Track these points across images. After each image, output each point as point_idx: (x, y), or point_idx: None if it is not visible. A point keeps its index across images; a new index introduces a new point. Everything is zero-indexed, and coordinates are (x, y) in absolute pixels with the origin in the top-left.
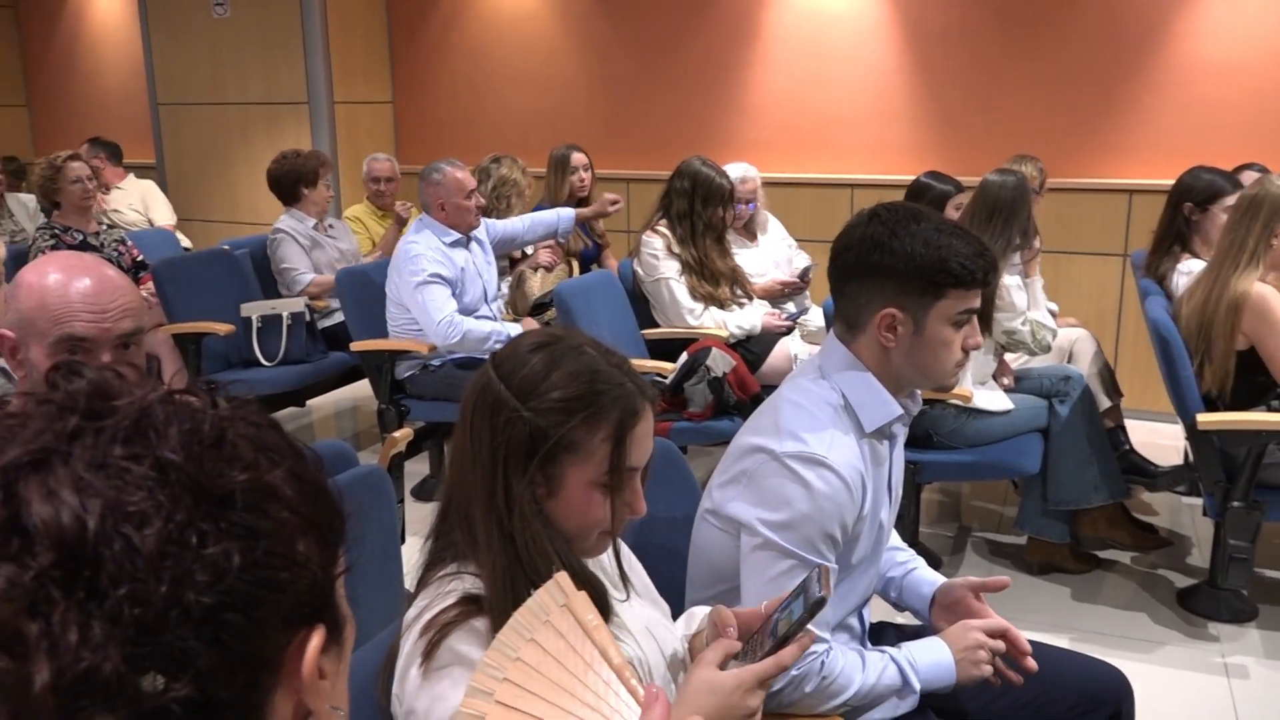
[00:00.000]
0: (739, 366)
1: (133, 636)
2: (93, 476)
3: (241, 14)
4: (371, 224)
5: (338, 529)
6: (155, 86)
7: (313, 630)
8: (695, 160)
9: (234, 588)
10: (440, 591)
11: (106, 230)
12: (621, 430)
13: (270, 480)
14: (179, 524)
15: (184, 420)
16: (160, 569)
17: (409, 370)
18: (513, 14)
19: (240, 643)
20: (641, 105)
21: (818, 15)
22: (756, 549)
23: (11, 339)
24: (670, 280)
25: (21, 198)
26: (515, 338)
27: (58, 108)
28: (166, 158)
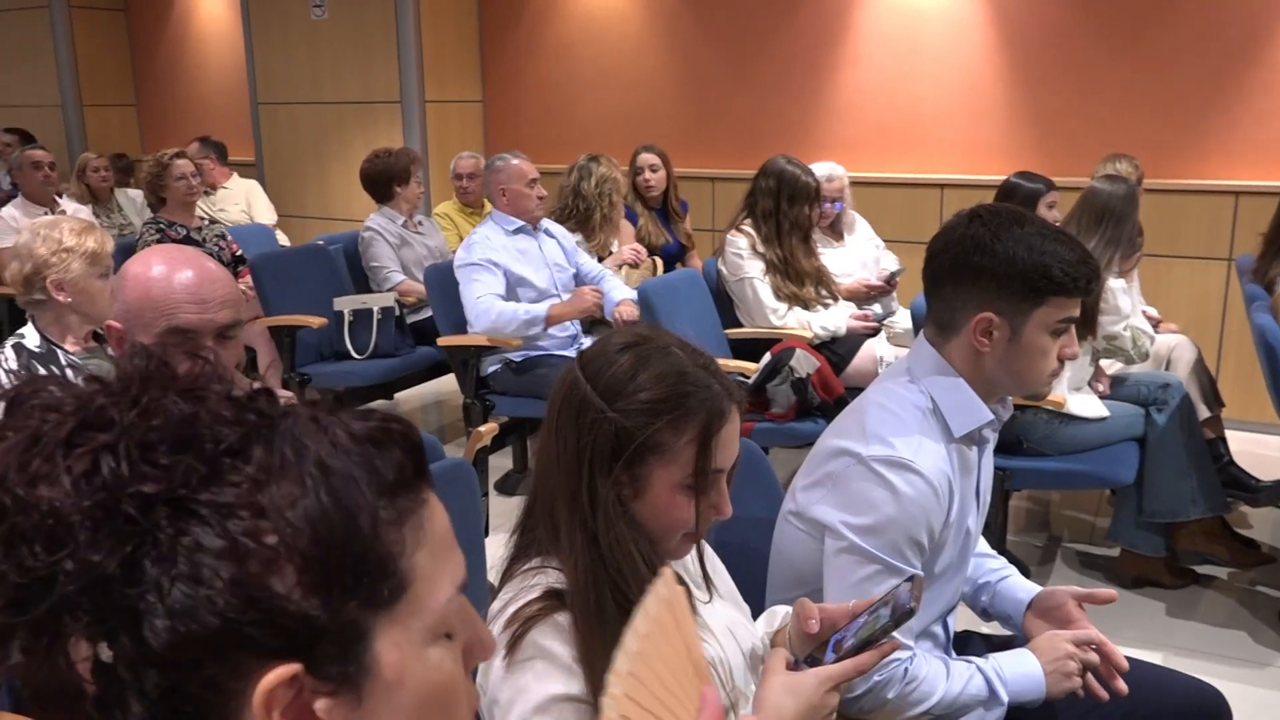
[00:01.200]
0: (823, 368)
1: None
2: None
3: (338, 15)
4: (460, 221)
5: (370, 574)
6: (256, 86)
7: (276, 665)
8: (781, 159)
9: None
10: (524, 585)
11: (208, 225)
12: (708, 432)
13: (262, 500)
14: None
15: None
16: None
17: (494, 366)
18: (601, 14)
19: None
20: (727, 104)
21: (909, 12)
22: (840, 553)
23: (119, 329)
24: (754, 280)
25: (130, 193)
26: (603, 337)
27: (164, 107)
28: (265, 155)
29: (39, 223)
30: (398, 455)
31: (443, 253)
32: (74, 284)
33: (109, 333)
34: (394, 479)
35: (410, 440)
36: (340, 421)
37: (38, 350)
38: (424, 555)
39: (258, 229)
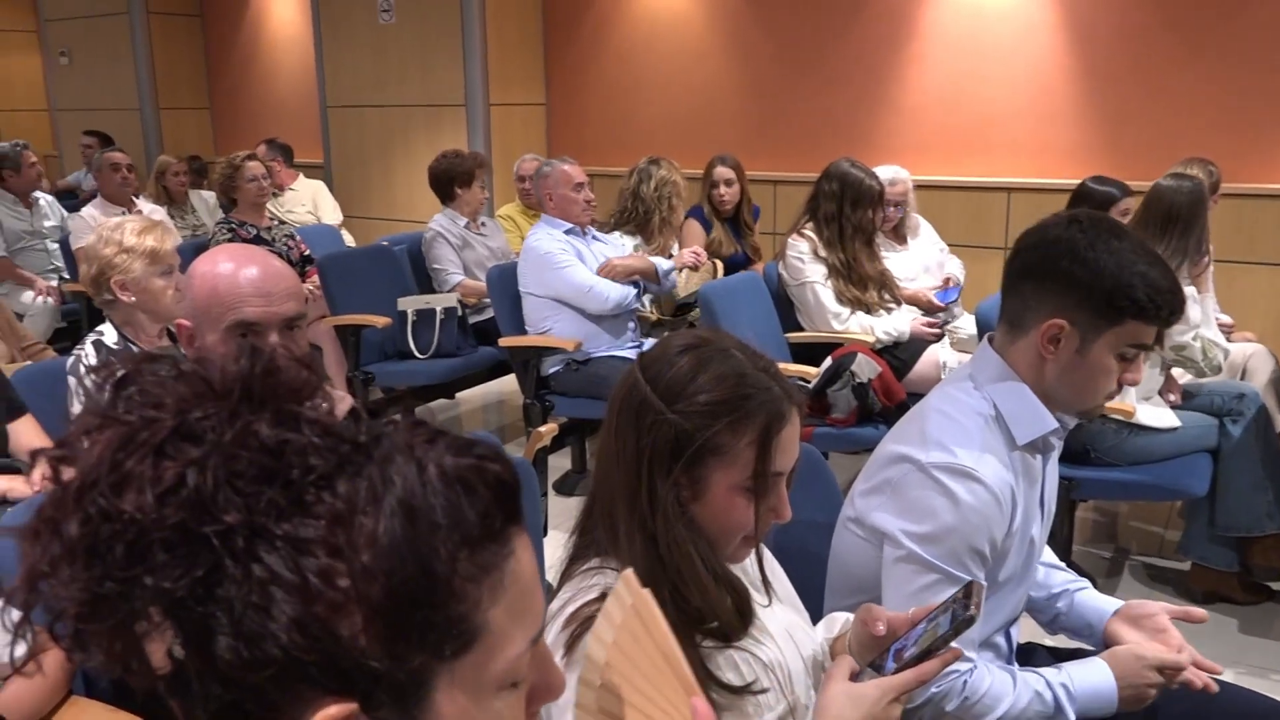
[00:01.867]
0: (885, 373)
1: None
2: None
3: (405, 19)
4: (522, 222)
5: (429, 628)
6: (325, 90)
7: (333, 701)
8: (844, 162)
9: (210, 614)
10: (583, 585)
11: (278, 226)
12: (768, 435)
13: (338, 540)
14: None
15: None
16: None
17: (554, 366)
18: (664, 17)
19: (228, 666)
20: (790, 106)
21: (976, 13)
22: (899, 561)
23: (188, 328)
24: (816, 284)
25: (203, 194)
26: (663, 339)
27: (236, 110)
28: (333, 157)
29: (104, 224)
30: (487, 502)
31: (505, 254)
32: (136, 283)
33: (179, 331)
34: (479, 531)
35: (504, 484)
36: (435, 454)
37: (115, 347)
38: (500, 611)
39: (325, 229)
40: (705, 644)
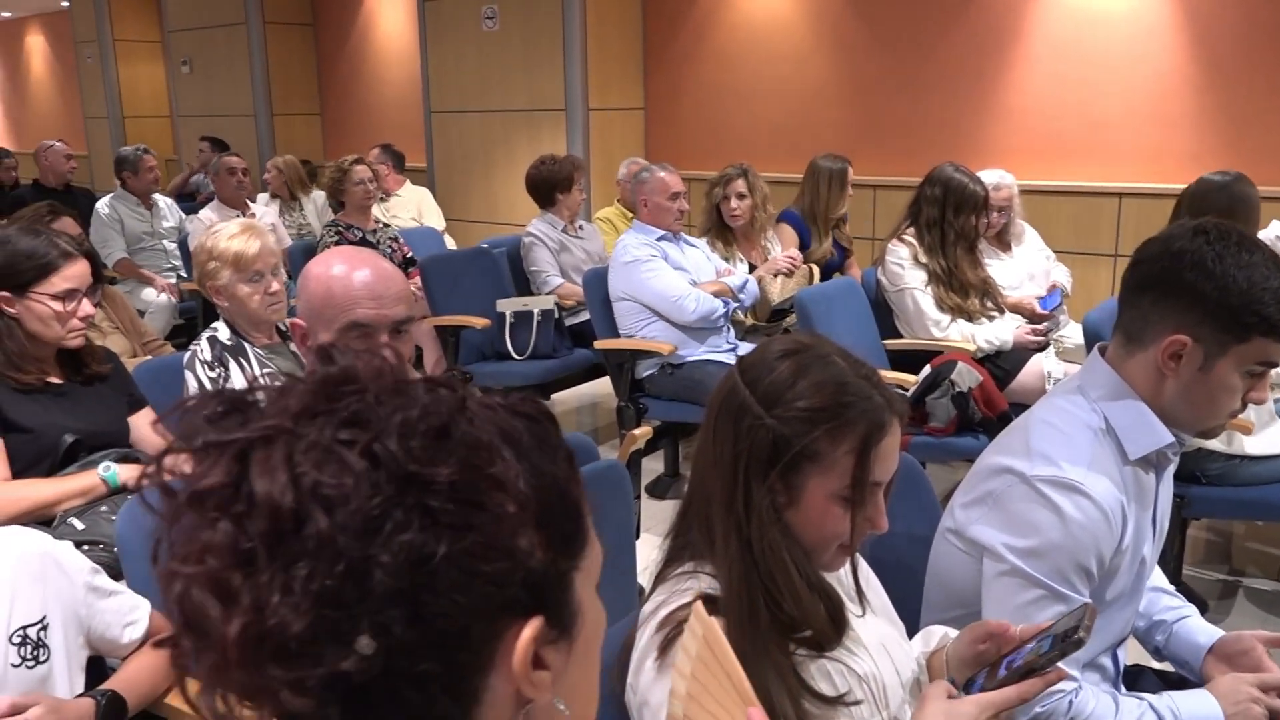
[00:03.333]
0: (986, 382)
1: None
2: (306, 456)
3: (508, 26)
4: (621, 225)
5: (574, 526)
6: (429, 95)
7: (528, 621)
8: (948, 166)
9: (436, 572)
10: (677, 589)
11: (382, 228)
12: (867, 443)
13: (496, 472)
14: (373, 510)
15: (412, 409)
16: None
17: (649, 370)
18: (764, 20)
19: (440, 623)
20: (892, 110)
21: (1086, 14)
22: (1001, 575)
23: (302, 327)
24: (915, 290)
25: (312, 197)
26: (763, 344)
27: (345, 116)
28: (436, 161)
29: (207, 230)
30: (550, 426)
31: (601, 257)
32: (225, 290)
33: (293, 329)
34: (565, 447)
35: (547, 411)
36: (497, 402)
37: (229, 343)
38: (587, 510)
39: (427, 232)
40: (798, 653)
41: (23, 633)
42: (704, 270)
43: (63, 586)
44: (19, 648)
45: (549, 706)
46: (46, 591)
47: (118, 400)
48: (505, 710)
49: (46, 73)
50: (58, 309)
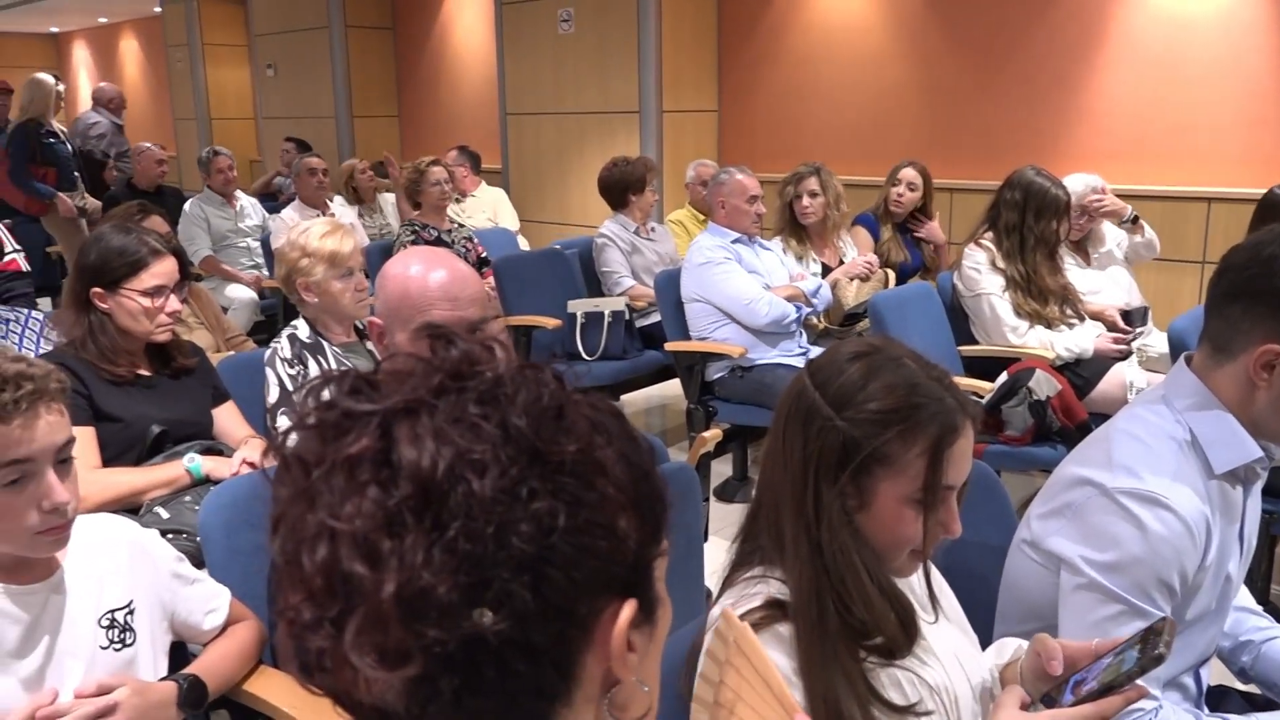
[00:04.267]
0: (1065, 391)
1: (463, 567)
2: (450, 427)
3: (584, 29)
4: (693, 227)
5: (660, 514)
6: (505, 98)
7: (625, 602)
8: (1029, 170)
9: (556, 544)
10: (745, 593)
11: (457, 229)
12: (939, 446)
13: (600, 456)
14: (513, 478)
15: (532, 391)
16: (492, 513)
17: (719, 372)
18: (840, 22)
19: (556, 595)
20: (970, 112)
21: (1173, 16)
22: (1079, 589)
23: (380, 325)
24: (992, 296)
25: (389, 197)
26: (833, 346)
27: (422, 118)
28: (511, 163)
29: (293, 228)
30: (627, 421)
31: (673, 259)
32: (318, 286)
33: (370, 328)
34: (641, 436)
35: (619, 410)
36: (588, 396)
37: (308, 341)
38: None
39: (501, 233)
40: (869, 660)
41: (110, 616)
42: (777, 274)
43: (149, 573)
44: (107, 631)
45: (634, 687)
46: (134, 577)
47: (202, 393)
48: (595, 690)
49: (139, 76)
50: (147, 305)
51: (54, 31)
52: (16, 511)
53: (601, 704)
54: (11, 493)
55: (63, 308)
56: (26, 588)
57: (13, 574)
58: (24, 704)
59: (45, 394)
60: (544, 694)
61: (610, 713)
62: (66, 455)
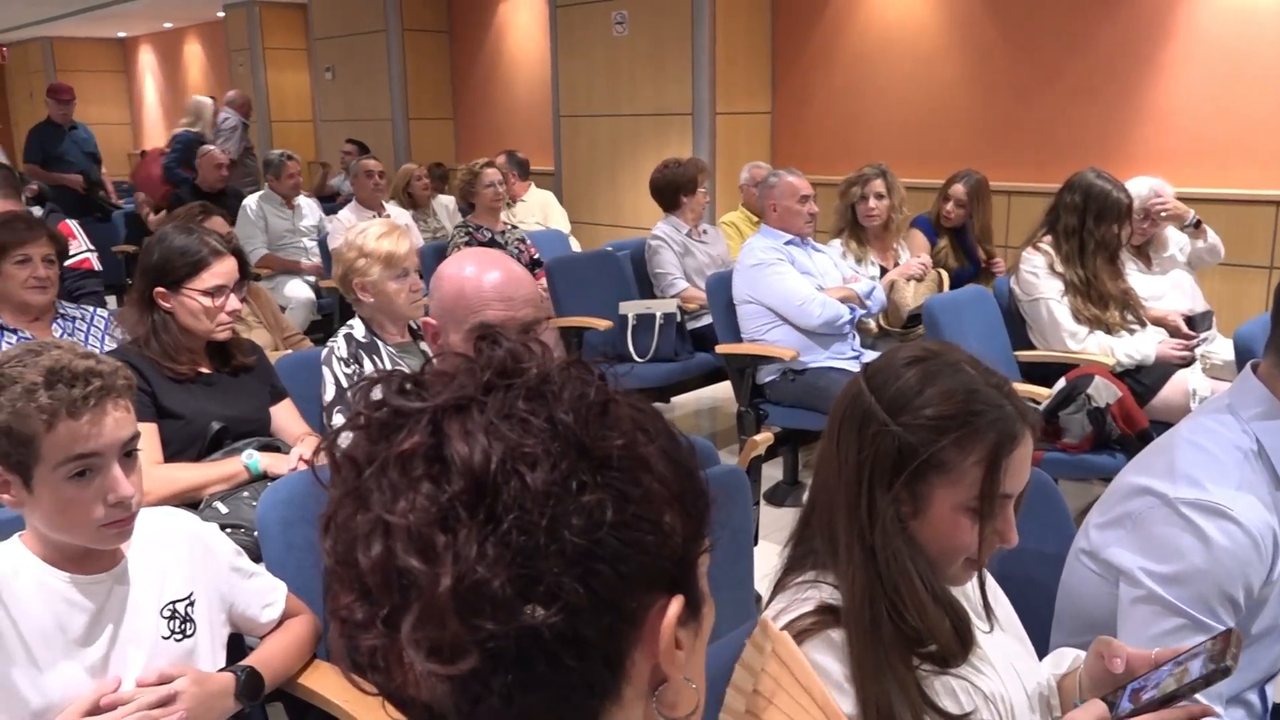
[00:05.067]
0: (1125, 398)
1: (517, 560)
2: (500, 423)
3: (638, 31)
4: (746, 229)
5: (702, 510)
6: (559, 100)
7: (672, 598)
8: (1090, 173)
9: (604, 538)
10: (797, 597)
11: (510, 230)
12: (997, 454)
13: (644, 452)
14: (563, 472)
15: (576, 387)
16: (544, 506)
17: (771, 375)
18: (897, 23)
19: (606, 589)
20: (1029, 114)
21: (1241, 14)
22: (1138, 601)
23: (434, 325)
24: (1050, 301)
25: (443, 199)
26: (890, 350)
27: (477, 120)
28: (563, 165)
29: (350, 229)
30: (666, 420)
31: (725, 261)
32: (374, 286)
33: (425, 328)
34: (681, 434)
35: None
36: (626, 394)
37: (363, 340)
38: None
39: (554, 234)
40: (922, 668)
41: (172, 607)
42: (831, 276)
43: (209, 566)
44: (168, 621)
45: (682, 685)
46: (194, 570)
47: (261, 391)
48: (643, 686)
49: (201, 79)
50: (208, 304)
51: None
52: (83, 504)
53: (650, 702)
54: (78, 485)
55: (127, 306)
56: (92, 578)
57: (79, 565)
58: (89, 690)
59: (113, 390)
60: (594, 691)
61: (659, 710)
62: (132, 450)
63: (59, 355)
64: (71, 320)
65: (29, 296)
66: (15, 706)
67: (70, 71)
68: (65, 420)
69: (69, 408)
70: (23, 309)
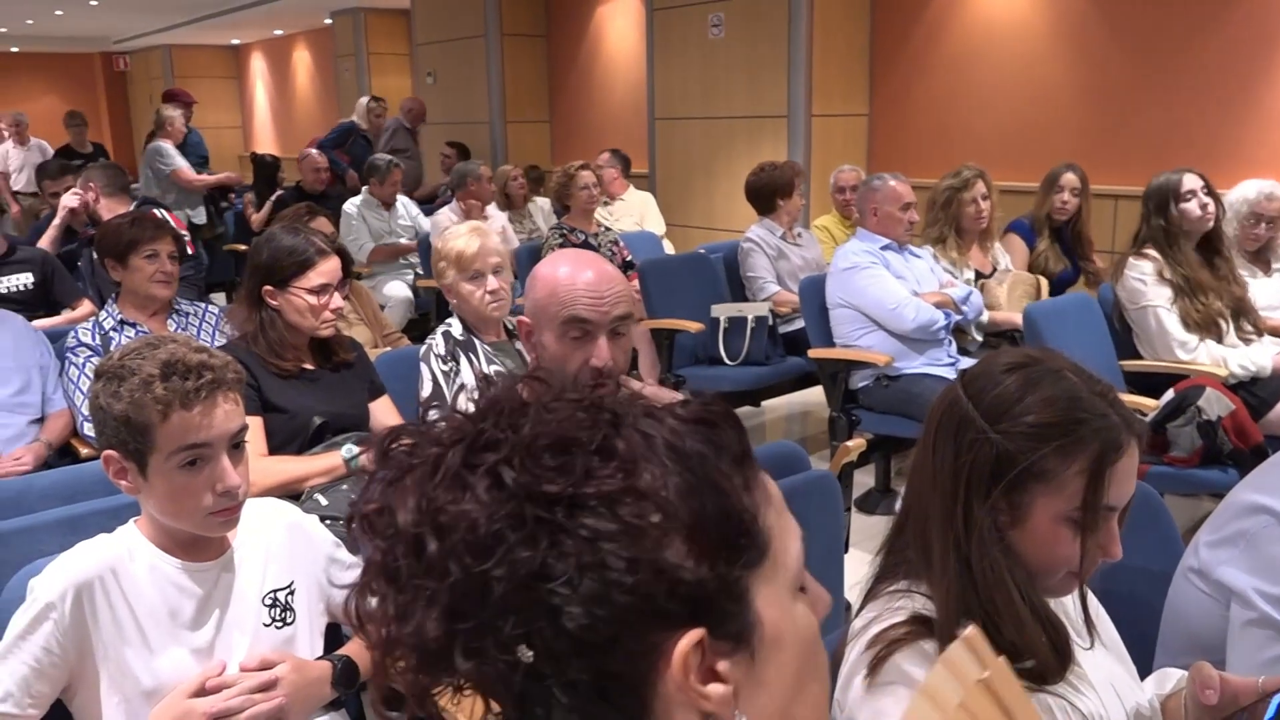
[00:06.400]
0: (1239, 411)
1: (448, 615)
2: (435, 486)
3: (734, 33)
4: (838, 234)
5: (733, 533)
6: (654, 103)
7: (685, 632)
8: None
9: (569, 584)
10: (889, 606)
11: (604, 232)
12: (1100, 464)
13: (640, 485)
14: (490, 529)
15: (537, 428)
16: (455, 568)
17: (864, 381)
18: (1001, 22)
19: (583, 633)
20: (1139, 115)
21: None
22: (1250, 624)
23: (528, 324)
24: (1159, 309)
25: (539, 201)
26: (988, 356)
27: (572, 123)
28: (658, 167)
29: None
30: (730, 432)
31: (819, 265)
32: (451, 288)
33: (519, 327)
34: (737, 451)
35: (733, 418)
36: (669, 412)
37: (460, 339)
38: (772, 515)
39: (647, 236)
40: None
41: (273, 595)
42: (927, 281)
43: (309, 556)
44: (270, 609)
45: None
46: (295, 559)
47: (360, 387)
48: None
49: (309, 84)
50: (313, 302)
51: (235, 44)
52: (193, 492)
53: None
54: (189, 474)
55: (236, 303)
56: (201, 564)
57: (189, 552)
58: (196, 673)
59: (223, 384)
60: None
61: None
62: (240, 441)
63: (174, 349)
64: (185, 316)
65: (155, 290)
66: (128, 686)
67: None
68: (179, 411)
69: (182, 399)
70: (146, 303)
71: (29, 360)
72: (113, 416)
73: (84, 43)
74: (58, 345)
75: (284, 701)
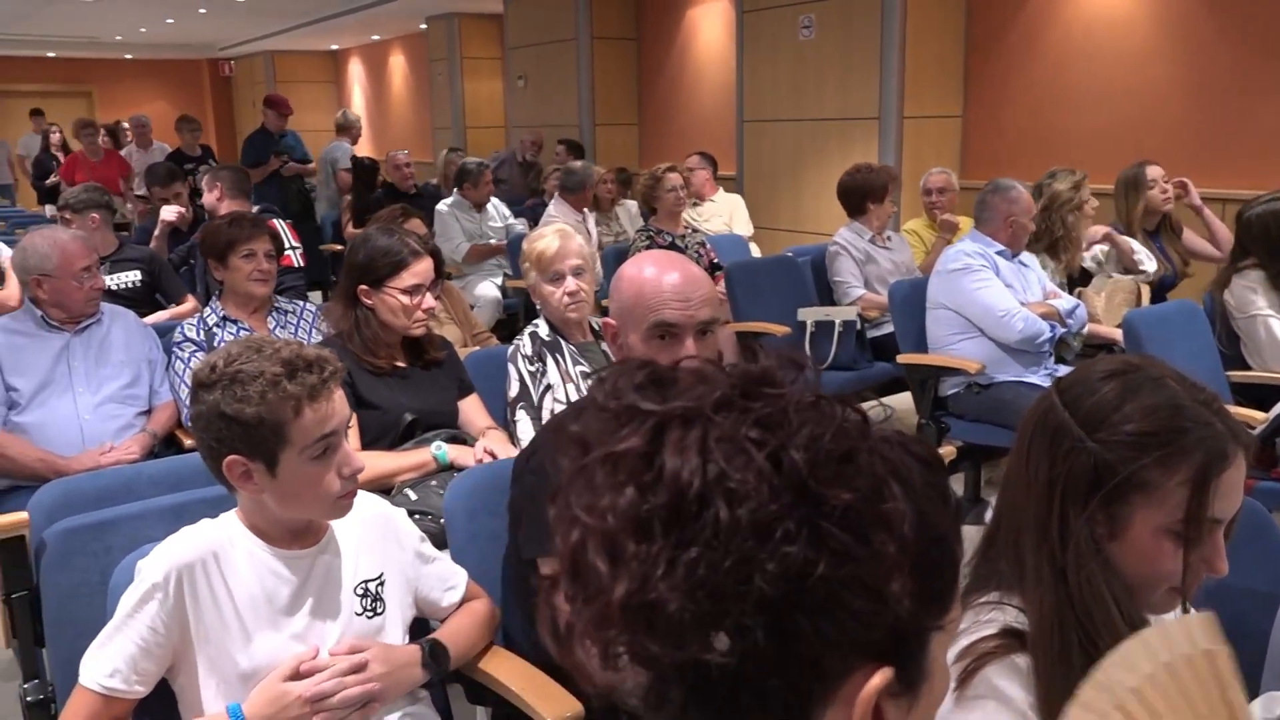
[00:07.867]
0: None
1: (698, 591)
2: (717, 446)
3: (825, 34)
4: (928, 237)
5: (945, 583)
6: (743, 105)
7: (879, 668)
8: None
9: (807, 591)
10: (979, 619)
11: (691, 234)
12: (1205, 475)
13: (887, 509)
14: (770, 514)
15: (817, 426)
16: (733, 544)
17: (954, 388)
18: (1102, 20)
19: (798, 644)
20: (1248, 115)
21: None
22: None
23: (613, 326)
24: (1270, 318)
25: (627, 203)
26: (1085, 364)
27: (661, 126)
28: (746, 170)
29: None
30: (942, 473)
31: (909, 269)
32: (534, 288)
33: (605, 328)
34: (949, 494)
35: (939, 457)
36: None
37: (547, 339)
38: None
39: (734, 239)
40: None
41: (364, 586)
42: (1034, 291)
43: (397, 549)
44: (361, 599)
45: None
46: (385, 552)
47: (450, 385)
48: None
49: (404, 88)
50: (406, 302)
51: (333, 49)
52: (325, 480)
53: None
54: (320, 464)
55: (333, 302)
56: (296, 553)
57: (287, 541)
58: (290, 657)
59: (339, 373)
60: None
61: None
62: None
63: (286, 347)
64: (284, 314)
65: (253, 288)
66: (227, 668)
67: (288, 83)
68: (308, 405)
69: (310, 393)
70: (246, 300)
71: (139, 354)
72: (241, 421)
73: (192, 49)
74: (164, 340)
75: (376, 685)
